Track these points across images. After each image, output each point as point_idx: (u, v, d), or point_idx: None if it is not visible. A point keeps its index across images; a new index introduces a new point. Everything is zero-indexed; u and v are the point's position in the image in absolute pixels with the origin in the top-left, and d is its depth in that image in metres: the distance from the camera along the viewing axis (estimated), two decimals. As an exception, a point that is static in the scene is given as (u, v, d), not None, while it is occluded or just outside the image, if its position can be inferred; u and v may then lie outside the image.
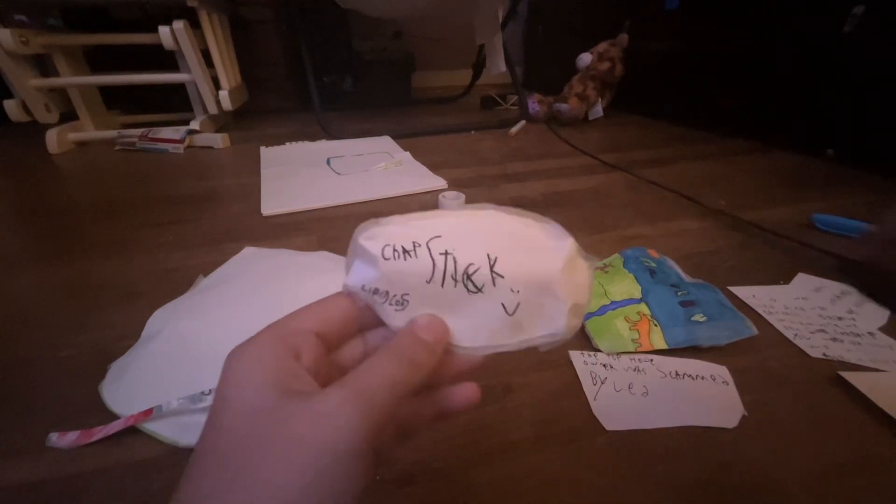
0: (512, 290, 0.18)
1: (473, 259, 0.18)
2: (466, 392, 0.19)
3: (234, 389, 0.15)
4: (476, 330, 0.19)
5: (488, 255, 0.18)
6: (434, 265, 0.18)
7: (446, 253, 0.18)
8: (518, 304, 0.18)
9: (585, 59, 1.32)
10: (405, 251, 0.18)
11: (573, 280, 0.18)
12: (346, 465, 0.14)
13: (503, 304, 0.18)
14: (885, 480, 0.30)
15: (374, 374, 0.16)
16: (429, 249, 0.18)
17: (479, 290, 0.18)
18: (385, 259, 0.18)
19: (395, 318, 0.19)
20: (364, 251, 0.19)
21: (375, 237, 0.19)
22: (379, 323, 0.20)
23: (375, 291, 0.19)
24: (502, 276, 0.18)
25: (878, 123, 0.85)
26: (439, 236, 0.18)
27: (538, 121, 1.34)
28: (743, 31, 1.09)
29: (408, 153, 1.03)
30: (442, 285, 0.18)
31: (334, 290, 0.20)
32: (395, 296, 0.19)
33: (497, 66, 1.31)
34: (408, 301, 0.19)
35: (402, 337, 0.18)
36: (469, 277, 0.18)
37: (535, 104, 1.36)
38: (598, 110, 1.34)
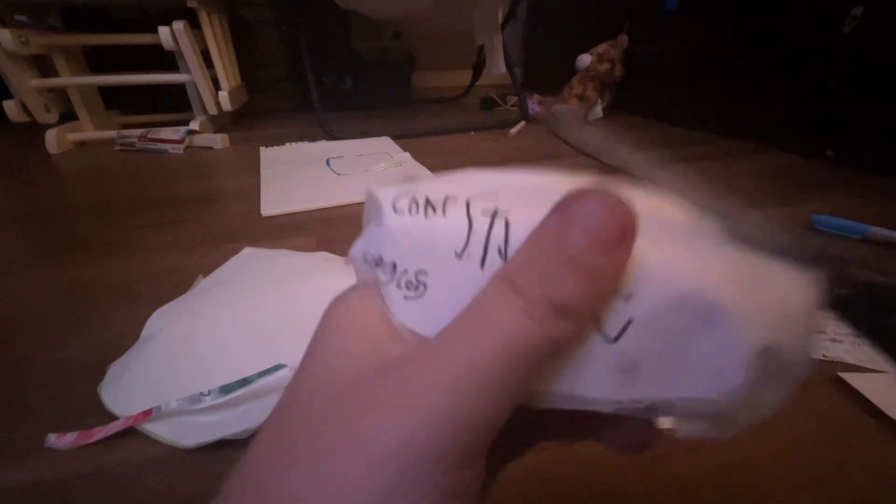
0: (618, 292, 0.10)
1: None
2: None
3: (322, 349, 0.12)
4: None
5: None
6: (470, 228, 0.11)
7: (494, 213, 0.11)
8: (630, 322, 0.10)
9: (585, 59, 1.32)
10: (429, 204, 0.12)
11: (764, 295, 0.10)
12: (428, 475, 0.09)
13: (596, 318, 0.10)
14: (884, 480, 0.30)
15: (489, 320, 0.10)
16: (466, 206, 0.11)
17: None
18: (396, 212, 0.12)
19: (403, 310, 0.12)
20: (373, 201, 0.13)
21: (395, 185, 0.13)
22: None
23: (379, 262, 0.12)
24: None
25: (878, 124, 0.85)
26: (494, 193, 0.12)
27: (538, 121, 1.34)
28: (742, 32, 1.09)
29: (407, 154, 1.03)
30: (482, 264, 0.11)
31: (335, 290, 0.19)
32: (405, 272, 0.12)
33: (497, 67, 1.31)
34: (425, 285, 0.11)
35: (549, 219, 0.10)
36: None
37: (534, 105, 1.36)
38: (597, 111, 1.34)
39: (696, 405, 0.10)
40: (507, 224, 0.11)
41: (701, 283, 0.10)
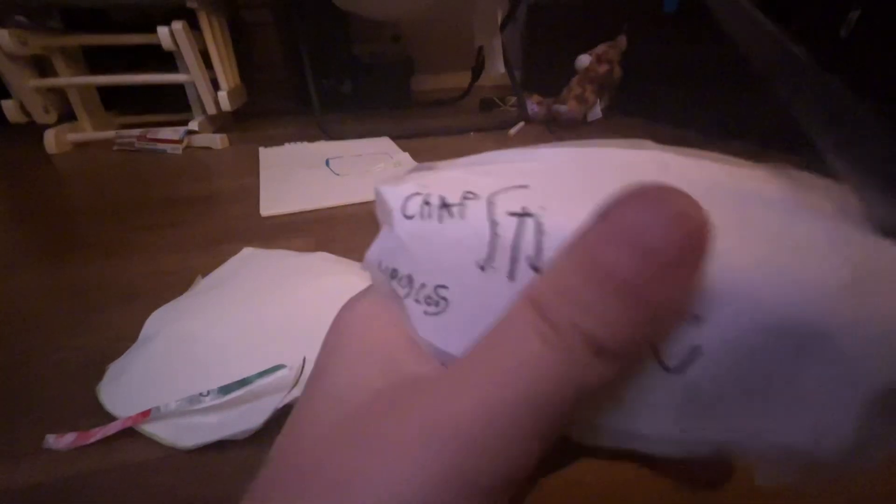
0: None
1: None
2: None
3: (330, 366, 0.11)
4: None
5: None
6: (493, 234, 0.09)
7: (523, 214, 0.09)
8: (697, 350, 0.08)
9: (584, 60, 1.33)
10: (444, 205, 0.10)
11: (884, 313, 0.07)
12: None
13: (653, 344, 0.08)
14: (882, 481, 0.30)
15: (510, 355, 0.08)
16: (488, 206, 0.09)
17: None
18: (407, 217, 0.10)
19: (423, 325, 0.10)
20: (382, 202, 0.11)
21: (406, 181, 0.11)
22: None
23: (394, 274, 0.11)
24: None
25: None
26: (524, 186, 0.10)
27: (537, 122, 1.35)
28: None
29: (407, 154, 1.03)
30: (510, 278, 0.09)
31: (334, 291, 0.18)
32: (422, 286, 0.10)
33: (496, 68, 1.31)
34: (445, 299, 0.10)
35: (589, 227, 0.08)
36: None
37: (534, 106, 1.36)
38: (596, 112, 1.34)
39: (784, 453, 0.08)
40: (538, 228, 0.09)
41: (802, 301, 0.07)
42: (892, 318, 0.07)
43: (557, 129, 1.29)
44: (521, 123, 1.27)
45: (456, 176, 0.11)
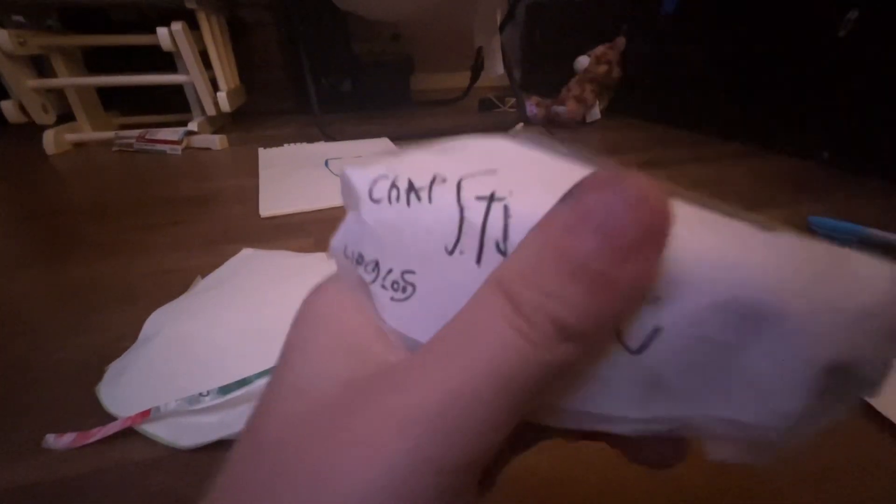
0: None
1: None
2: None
3: (295, 357, 0.11)
4: None
5: None
6: (462, 218, 0.09)
7: (491, 198, 0.09)
8: (657, 331, 0.08)
9: (583, 61, 1.33)
10: (412, 189, 0.10)
11: (835, 295, 0.08)
12: None
13: (616, 327, 0.09)
14: (882, 482, 0.30)
15: (477, 338, 0.08)
16: (457, 189, 0.09)
17: None
18: (374, 201, 0.10)
19: (389, 312, 0.10)
20: (348, 185, 0.11)
21: (374, 164, 0.11)
22: None
23: (360, 259, 0.11)
24: None
25: (873, 126, 0.86)
26: (492, 171, 0.10)
27: (536, 123, 1.35)
28: (739, 34, 1.10)
29: (406, 155, 1.03)
30: (478, 261, 0.09)
31: None
32: (389, 271, 0.10)
33: (495, 69, 1.31)
34: (413, 285, 0.10)
35: (556, 211, 0.08)
36: None
37: (532, 107, 1.36)
38: (595, 113, 1.34)
39: (736, 429, 0.08)
40: (506, 212, 0.09)
41: (752, 282, 0.07)
42: (831, 299, 0.08)
43: (556, 130, 1.29)
44: (521, 124, 1.27)
45: (424, 159, 0.11)
